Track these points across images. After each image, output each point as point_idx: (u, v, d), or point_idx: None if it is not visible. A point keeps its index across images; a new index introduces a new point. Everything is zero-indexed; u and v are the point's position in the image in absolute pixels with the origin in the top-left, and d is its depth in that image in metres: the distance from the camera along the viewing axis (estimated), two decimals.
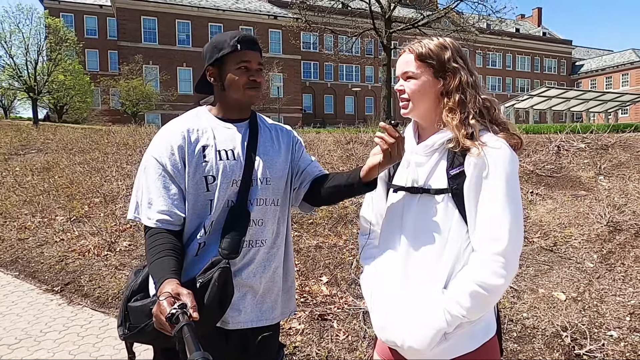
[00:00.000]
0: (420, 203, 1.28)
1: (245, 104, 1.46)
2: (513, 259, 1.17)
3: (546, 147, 6.13)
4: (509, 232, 1.16)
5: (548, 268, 3.60)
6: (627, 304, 3.08)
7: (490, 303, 1.19)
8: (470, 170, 1.20)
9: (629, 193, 4.62)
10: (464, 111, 1.25)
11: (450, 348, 1.21)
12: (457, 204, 1.22)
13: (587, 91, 31.97)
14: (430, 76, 1.29)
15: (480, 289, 1.15)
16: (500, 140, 1.22)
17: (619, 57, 56.38)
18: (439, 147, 1.28)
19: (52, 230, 5.64)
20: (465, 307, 1.16)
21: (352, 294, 3.49)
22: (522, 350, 2.75)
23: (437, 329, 1.18)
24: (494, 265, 1.16)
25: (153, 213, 1.34)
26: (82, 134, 13.46)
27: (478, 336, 1.22)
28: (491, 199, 1.18)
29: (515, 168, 1.21)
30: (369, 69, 47.85)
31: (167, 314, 1.06)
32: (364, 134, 8.29)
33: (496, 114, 1.29)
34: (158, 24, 38.05)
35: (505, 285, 1.18)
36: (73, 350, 3.16)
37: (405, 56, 1.33)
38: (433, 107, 1.31)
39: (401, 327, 1.24)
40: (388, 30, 18.55)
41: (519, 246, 1.20)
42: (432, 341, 1.19)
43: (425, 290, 1.23)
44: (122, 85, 29.59)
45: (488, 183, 1.18)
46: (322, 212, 4.97)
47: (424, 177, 1.28)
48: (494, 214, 1.17)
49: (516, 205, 1.19)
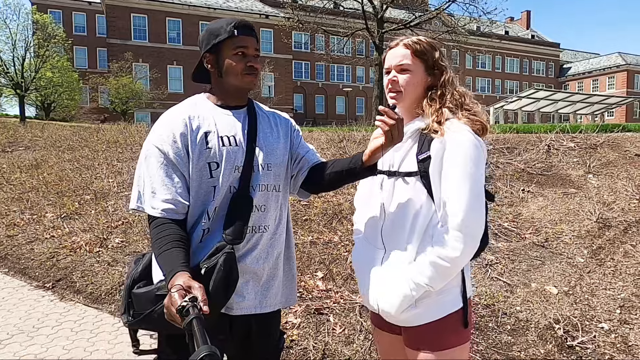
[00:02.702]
0: (396, 185, 1.42)
1: (243, 90, 1.46)
2: (469, 234, 1.28)
3: (537, 147, 6.22)
4: (464, 208, 1.27)
5: (540, 263, 3.66)
6: (617, 297, 3.15)
7: (450, 273, 1.32)
8: (434, 154, 1.33)
9: (618, 191, 4.71)
10: (441, 102, 1.41)
11: (419, 315, 1.36)
12: (425, 185, 1.35)
13: (574, 93, 32.48)
14: (423, 71, 1.44)
15: (440, 260, 1.29)
16: (463, 126, 1.35)
17: (606, 60, 57.36)
18: (412, 134, 1.41)
19: (42, 227, 5.57)
20: (427, 275, 1.31)
21: (347, 288, 3.50)
22: (516, 342, 2.80)
23: (404, 295, 1.34)
24: (451, 238, 1.29)
25: (157, 202, 1.33)
26: (71, 132, 13.29)
27: (445, 307, 1.36)
28: (448, 178, 1.30)
29: (476, 150, 1.31)
30: (360, 69, 47.99)
31: (178, 306, 1.06)
32: (357, 132, 8.31)
33: (465, 101, 1.43)
34: (148, 21, 37.71)
35: (463, 257, 1.29)
36: (67, 345, 3.13)
37: (401, 50, 1.44)
38: (418, 99, 1.44)
39: (377, 293, 1.42)
40: (380, 31, 18.64)
41: (476, 223, 1.30)
42: (400, 306, 1.35)
43: (396, 261, 1.38)
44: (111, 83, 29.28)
45: (447, 164, 1.31)
46: (316, 208, 4.98)
47: (398, 161, 1.43)
48: (452, 191, 1.29)
49: (474, 184, 1.29)
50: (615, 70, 54.76)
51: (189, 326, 1.01)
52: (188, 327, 1.01)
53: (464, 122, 1.36)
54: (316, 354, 2.79)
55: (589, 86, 56.60)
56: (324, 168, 1.51)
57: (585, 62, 60.75)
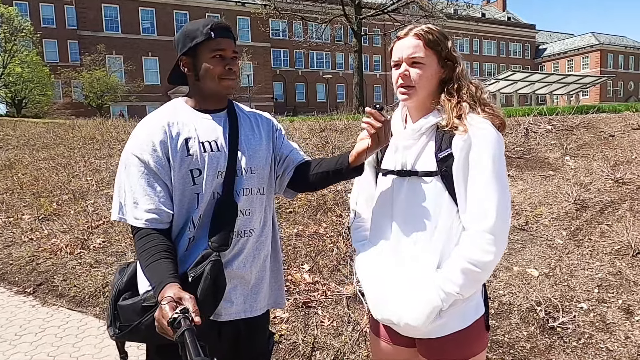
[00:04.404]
0: (409, 185, 1.31)
1: (221, 94, 1.43)
2: (501, 235, 1.22)
3: (515, 130, 6.32)
4: (495, 210, 1.20)
5: (521, 246, 3.74)
6: (594, 277, 3.25)
7: (481, 279, 1.25)
8: (457, 152, 1.23)
9: (594, 172, 4.84)
10: (458, 96, 1.30)
11: (443, 325, 1.26)
12: (446, 186, 1.25)
13: (550, 74, 33.00)
14: (436, 63, 1.31)
15: (471, 266, 1.20)
16: (485, 121, 1.26)
17: (580, 41, 58.40)
18: (426, 131, 1.31)
19: (19, 230, 5.42)
20: (458, 284, 1.20)
21: (334, 280, 3.53)
22: (499, 326, 2.87)
23: (433, 306, 1.22)
24: (483, 242, 1.20)
25: (140, 213, 1.30)
26: (45, 129, 12.89)
27: (469, 315, 1.28)
28: (478, 178, 1.21)
29: (500, 147, 1.25)
30: (340, 56, 47.75)
31: (169, 319, 1.05)
32: (338, 121, 8.30)
33: (482, 96, 1.33)
34: (120, 11, 36.60)
35: (495, 260, 1.22)
36: (52, 351, 3.08)
37: (412, 40, 1.30)
38: (432, 93, 1.33)
39: (396, 305, 1.28)
40: (358, 17, 18.50)
41: (507, 222, 1.24)
42: (428, 318, 1.23)
43: (419, 269, 1.27)
44: (84, 77, 28.45)
45: (474, 163, 1.22)
46: (301, 200, 4.97)
47: (412, 160, 1.31)
48: (481, 192, 1.21)
49: (502, 183, 1.23)
50: (589, 50, 55.85)
51: (181, 338, 1.01)
52: (180, 339, 1.01)
53: (484, 117, 1.27)
54: (305, 347, 2.81)
55: (564, 66, 57.67)
56: (310, 168, 1.50)
57: (560, 43, 61.74)
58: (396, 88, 1.34)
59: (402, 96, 1.32)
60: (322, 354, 2.76)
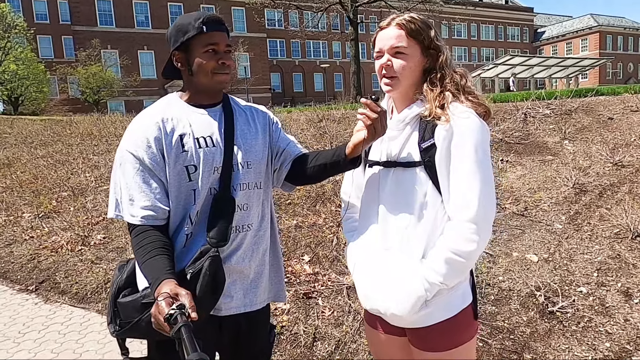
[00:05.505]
0: (395, 176, 1.31)
1: (215, 89, 1.41)
2: (484, 224, 1.22)
3: (513, 115, 6.29)
4: (478, 199, 1.20)
5: (520, 232, 3.75)
6: (594, 260, 3.26)
7: (465, 268, 1.25)
8: (440, 142, 1.23)
9: (592, 156, 4.82)
10: (442, 85, 1.29)
11: (429, 315, 1.27)
12: (430, 176, 1.26)
13: (549, 57, 32.77)
14: (419, 53, 1.31)
15: (455, 256, 1.20)
16: (468, 110, 1.25)
17: (578, 23, 57.82)
18: (410, 121, 1.31)
19: (20, 228, 5.43)
20: (441, 273, 1.21)
21: (334, 270, 3.54)
22: (499, 312, 2.88)
23: (417, 296, 1.23)
24: (466, 231, 1.20)
25: (136, 210, 1.29)
26: (42, 126, 12.86)
27: (455, 304, 1.28)
28: (460, 167, 1.21)
29: (484, 136, 1.24)
30: (337, 45, 47.35)
31: (166, 315, 1.05)
32: (336, 110, 8.26)
33: (466, 84, 1.32)
34: (114, 5, 36.22)
35: (478, 250, 1.22)
36: (55, 348, 3.10)
37: (394, 31, 1.30)
38: (415, 83, 1.33)
39: (383, 295, 1.30)
40: (354, 4, 18.32)
41: (490, 212, 1.24)
42: (413, 308, 1.24)
43: (404, 259, 1.28)
44: (80, 73, 28.28)
45: (457, 152, 1.22)
46: (299, 191, 4.97)
47: (397, 150, 1.32)
48: (463, 182, 1.21)
49: (485, 171, 1.22)
50: (588, 32, 55.31)
51: (178, 334, 1.01)
52: (177, 335, 1.01)
53: (467, 105, 1.26)
54: (307, 338, 2.83)
55: (563, 49, 57.19)
56: (307, 160, 1.49)
57: (558, 26, 61.15)
58: (380, 79, 1.34)
59: (385, 87, 1.33)
60: (323, 344, 2.78)
